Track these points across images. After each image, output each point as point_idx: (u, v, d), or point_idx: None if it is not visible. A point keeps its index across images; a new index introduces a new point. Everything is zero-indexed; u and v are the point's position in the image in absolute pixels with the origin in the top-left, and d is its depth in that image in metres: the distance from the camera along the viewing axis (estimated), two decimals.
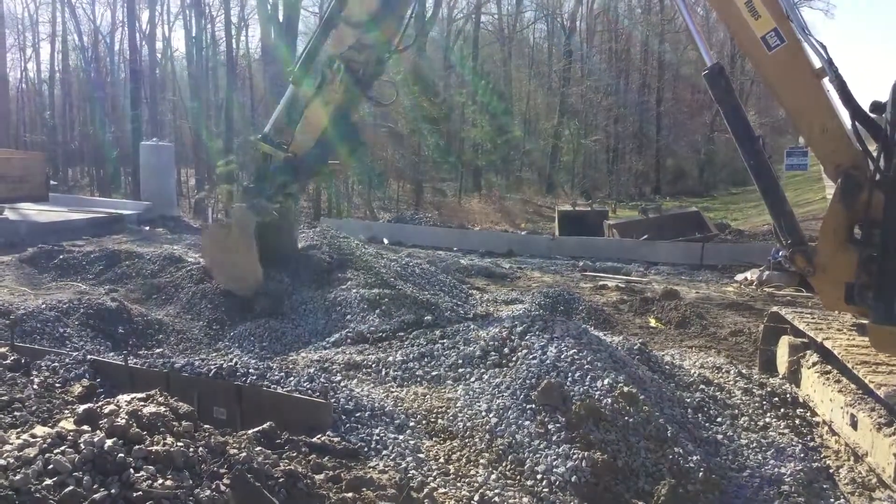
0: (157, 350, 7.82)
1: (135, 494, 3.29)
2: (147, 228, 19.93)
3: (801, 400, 7.05)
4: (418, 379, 6.82)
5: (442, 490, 4.81)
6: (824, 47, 5.82)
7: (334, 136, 9.56)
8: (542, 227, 30.03)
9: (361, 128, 10.02)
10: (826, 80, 5.89)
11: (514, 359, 6.65)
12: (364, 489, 4.25)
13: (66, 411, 4.35)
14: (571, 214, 24.46)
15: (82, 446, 3.47)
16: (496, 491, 4.90)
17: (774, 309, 8.41)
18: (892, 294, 5.38)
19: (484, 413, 5.89)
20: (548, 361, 6.23)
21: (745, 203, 40.03)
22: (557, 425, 5.52)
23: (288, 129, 10.22)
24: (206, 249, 10.52)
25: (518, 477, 5.18)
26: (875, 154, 5.64)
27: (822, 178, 32.95)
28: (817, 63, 5.90)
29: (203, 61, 37.54)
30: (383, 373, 7.01)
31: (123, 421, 3.80)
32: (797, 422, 6.66)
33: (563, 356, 6.28)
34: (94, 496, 3.23)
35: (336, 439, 5.06)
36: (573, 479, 5.03)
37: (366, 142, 10.63)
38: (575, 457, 5.17)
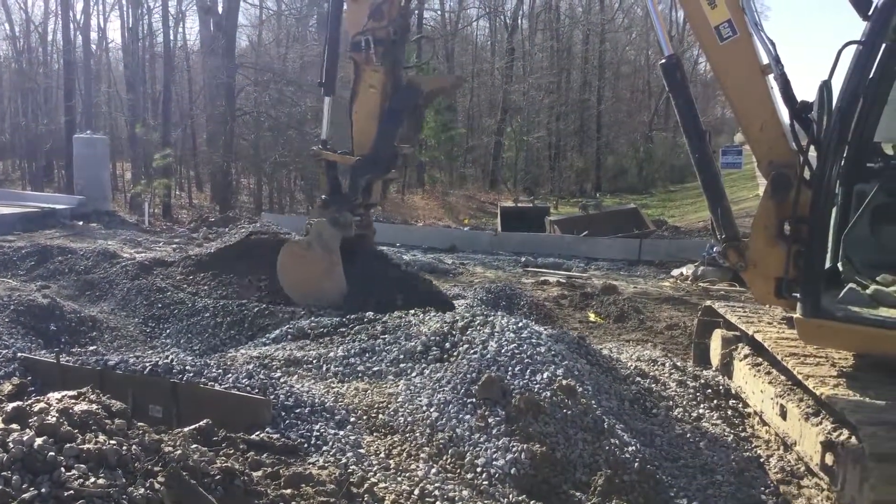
0: (91, 348, 7.62)
1: (66, 493, 3.21)
2: (80, 223, 19.41)
3: (733, 391, 7.24)
4: (359, 374, 6.79)
5: (382, 485, 4.81)
6: (773, 44, 5.91)
7: (393, 113, 9.17)
8: (484, 223, 30.21)
9: (416, 86, 9.43)
10: (771, 77, 5.98)
11: (455, 354, 6.67)
12: (303, 485, 4.23)
13: None
14: (514, 211, 24.66)
15: (11, 445, 3.38)
16: (436, 485, 4.91)
17: (708, 303, 8.62)
18: (818, 288, 5.57)
19: (425, 408, 5.90)
20: (488, 356, 6.27)
21: (681, 200, 40.96)
22: (497, 419, 5.56)
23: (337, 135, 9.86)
24: (284, 270, 9.68)
25: (458, 470, 5.21)
26: (807, 153, 5.80)
27: (756, 176, 33.90)
28: (765, 59, 5.97)
29: (139, 53, 36.64)
30: (324, 368, 6.96)
31: (54, 419, 3.71)
32: (729, 413, 6.84)
33: (503, 351, 6.33)
34: (24, 496, 3.15)
35: (275, 436, 5.01)
36: (512, 471, 5.08)
37: (430, 95, 9.93)
38: (514, 449, 5.22)
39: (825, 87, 5.30)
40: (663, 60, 6.62)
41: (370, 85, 9.12)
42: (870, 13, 5.47)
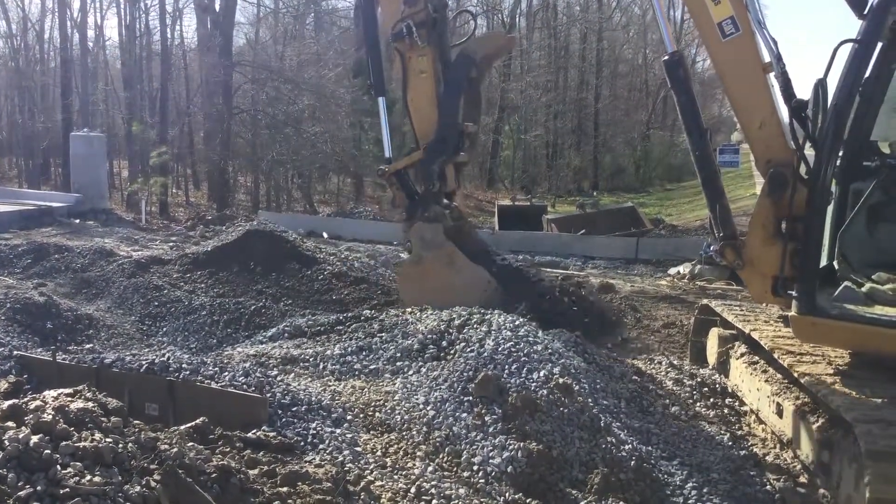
0: (87, 346, 7.61)
1: (62, 491, 3.21)
2: (77, 221, 19.38)
3: (729, 390, 7.26)
4: (356, 372, 6.80)
5: (379, 483, 4.81)
6: (776, 42, 5.89)
7: (450, 87, 8.94)
8: (482, 222, 30.17)
9: (467, 55, 9.12)
10: (772, 76, 5.97)
11: (452, 352, 6.68)
12: (299, 483, 4.22)
13: None
14: (511, 209, 24.64)
15: (7, 443, 3.38)
16: (433, 483, 4.91)
17: (705, 302, 8.63)
18: (813, 286, 5.58)
19: (422, 406, 5.91)
20: (485, 354, 6.28)
21: (679, 199, 40.95)
22: (494, 417, 5.57)
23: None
24: (408, 294, 9.01)
25: (455, 468, 5.22)
26: (805, 151, 5.80)
27: (753, 175, 33.91)
28: (766, 57, 5.95)
29: (136, 51, 36.57)
30: (321, 367, 6.96)
31: (50, 417, 3.71)
32: (726, 411, 6.86)
33: (500, 349, 6.34)
34: (20, 493, 3.15)
35: (272, 434, 5.01)
36: (509, 469, 5.09)
37: (485, 60, 9.53)
38: (511, 447, 5.23)
39: (820, 85, 5.31)
40: (666, 57, 6.60)
41: (420, 70, 8.83)
42: (865, 12, 5.47)
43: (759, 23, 5.95)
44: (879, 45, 5.66)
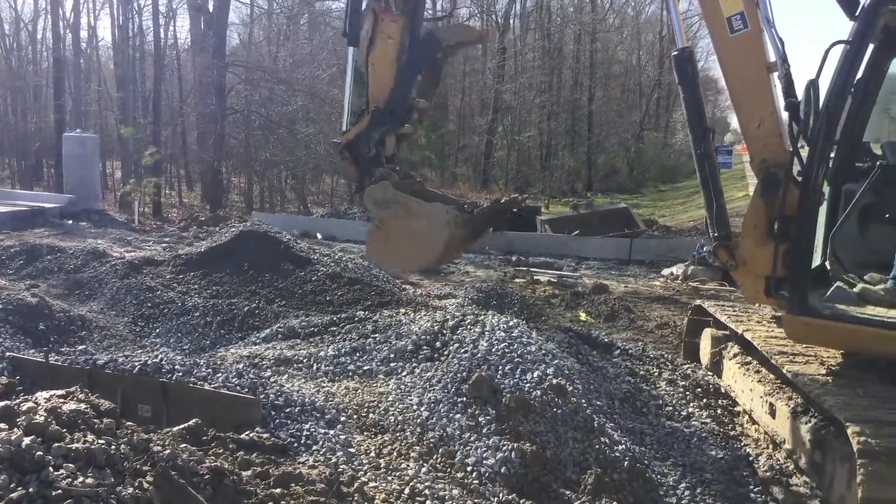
0: (80, 347, 7.57)
1: (54, 493, 3.19)
2: (70, 222, 19.33)
3: (722, 390, 7.28)
4: (350, 373, 6.79)
5: (372, 484, 4.80)
6: (782, 42, 5.87)
7: (411, 61, 8.95)
8: None
9: (435, 39, 8.99)
10: (775, 75, 5.95)
11: (445, 353, 6.69)
12: (293, 484, 4.22)
13: None
14: None
15: None
16: (427, 484, 4.92)
17: (698, 302, 8.66)
18: (805, 286, 5.60)
19: (415, 407, 5.91)
20: (479, 355, 6.28)
21: (672, 200, 41.09)
22: (488, 418, 5.57)
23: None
24: (382, 260, 8.73)
25: (449, 469, 5.22)
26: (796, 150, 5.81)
27: (746, 176, 34.05)
28: (772, 56, 5.90)
29: (129, 51, 36.48)
30: (314, 368, 6.96)
31: (42, 418, 3.69)
32: (719, 411, 6.88)
33: (493, 350, 6.34)
34: (12, 495, 3.13)
35: (265, 435, 5.00)
36: (503, 470, 5.09)
37: (451, 46, 9.37)
38: (504, 448, 5.23)
39: (812, 86, 5.32)
40: (676, 52, 6.57)
41: (388, 35, 8.72)
42: (857, 13, 5.49)
43: (768, 21, 5.91)
44: (871, 46, 5.68)
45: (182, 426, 4.63)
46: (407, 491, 4.79)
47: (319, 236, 19.43)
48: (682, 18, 7.17)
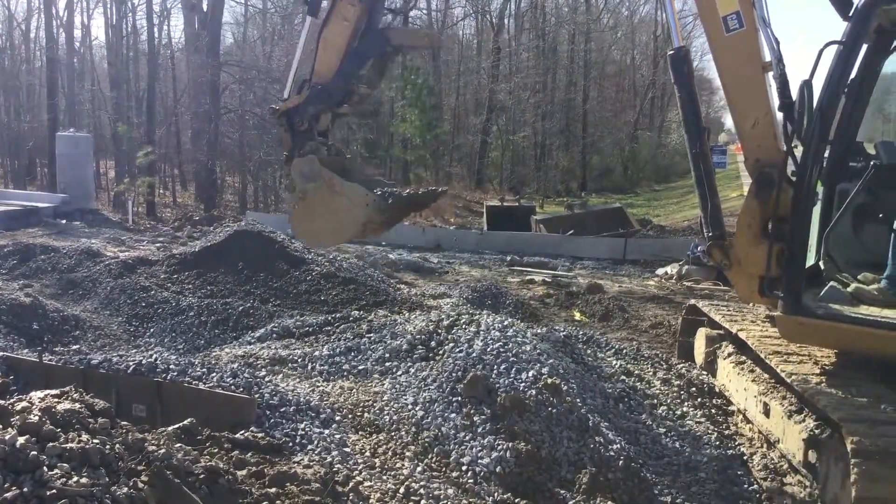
0: (74, 347, 7.58)
1: (49, 493, 3.18)
2: (64, 222, 19.27)
3: (717, 389, 7.29)
4: (345, 373, 6.79)
5: (367, 483, 4.80)
6: (778, 43, 5.87)
7: (360, 50, 8.98)
8: (470, 222, 30.22)
9: (386, 36, 9.01)
10: (770, 75, 5.96)
11: (440, 352, 6.69)
12: (288, 484, 4.21)
13: None
14: (500, 209, 24.65)
15: None
16: (422, 483, 4.91)
17: (692, 302, 8.67)
18: (799, 286, 5.61)
19: (410, 406, 5.91)
20: (474, 354, 6.28)
21: (666, 200, 41.16)
22: (483, 417, 5.57)
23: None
24: (301, 232, 8.79)
25: (444, 469, 5.22)
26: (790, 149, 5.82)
27: (740, 176, 34.14)
28: (768, 56, 5.90)
29: (123, 50, 36.40)
30: (309, 367, 6.95)
31: (36, 418, 3.68)
32: (713, 411, 6.89)
33: (488, 349, 6.34)
34: (6, 495, 3.12)
35: (260, 435, 4.99)
36: (498, 469, 5.09)
37: (399, 46, 9.42)
38: (499, 448, 5.23)
39: (806, 86, 5.33)
40: (672, 52, 6.57)
41: (345, 17, 8.72)
42: (850, 14, 5.50)
43: (763, 21, 5.91)
44: (864, 46, 5.70)
45: (177, 426, 4.62)
46: (402, 490, 4.79)
47: None
48: (678, 18, 7.16)
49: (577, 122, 50.09)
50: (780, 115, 5.83)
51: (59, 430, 3.65)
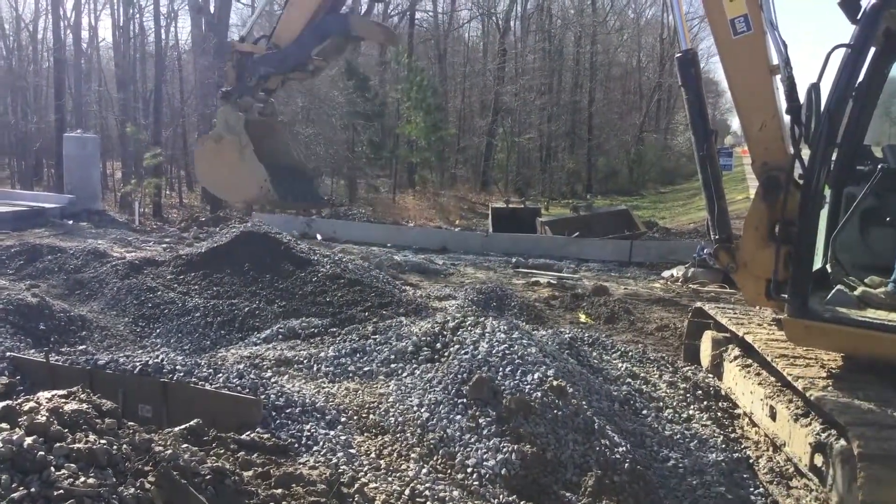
0: (80, 347, 7.58)
1: (56, 493, 3.19)
2: (70, 222, 19.33)
3: (723, 392, 7.27)
4: (350, 374, 6.79)
5: (373, 485, 4.80)
6: (785, 45, 5.87)
7: (321, 27, 9.11)
8: (475, 224, 30.23)
9: (346, 23, 9.27)
10: (778, 78, 5.94)
11: (446, 354, 6.68)
12: (293, 485, 4.22)
13: None
14: (505, 211, 24.67)
15: (0, 445, 3.36)
16: (427, 485, 4.91)
17: (698, 304, 8.65)
18: (806, 289, 5.60)
19: (416, 408, 5.90)
20: (479, 356, 6.27)
21: (672, 202, 41.13)
22: (488, 419, 5.57)
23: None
24: (204, 170, 9.41)
25: (449, 471, 5.21)
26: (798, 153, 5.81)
27: (746, 178, 34.08)
28: (775, 59, 5.92)
29: (130, 52, 36.52)
30: (315, 368, 6.96)
31: (44, 418, 3.69)
32: (719, 414, 6.87)
33: (494, 351, 6.33)
34: (13, 495, 3.13)
35: (266, 436, 5.00)
36: (503, 471, 5.09)
37: (358, 36, 9.68)
38: (505, 450, 5.23)
39: (814, 89, 5.32)
40: (679, 54, 6.56)
41: None
42: (858, 17, 5.49)
43: (771, 24, 5.90)
44: (872, 50, 5.68)
45: (183, 426, 4.63)
46: (407, 492, 4.79)
47: (319, 237, 19.44)
48: (685, 20, 7.15)
49: (582, 124, 50.11)
50: (787, 119, 5.83)
51: (66, 430, 3.66)
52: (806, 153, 5.65)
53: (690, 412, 6.76)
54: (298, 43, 8.78)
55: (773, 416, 6.01)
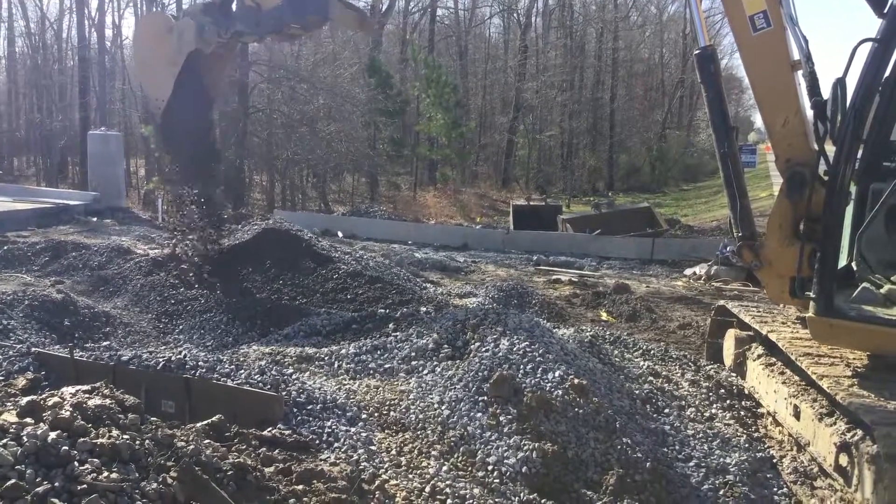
0: (104, 343, 7.65)
1: (79, 487, 3.23)
2: (95, 219, 19.51)
3: (746, 391, 7.20)
4: (371, 371, 6.81)
5: (393, 482, 4.82)
6: (806, 41, 5.81)
7: (302, 4, 9.20)
8: (496, 221, 30.20)
9: (329, 6, 9.49)
10: (799, 74, 5.89)
11: (466, 351, 6.68)
12: (315, 481, 4.23)
13: (9, 404, 4.25)
14: (526, 209, 24.60)
15: (25, 439, 3.40)
16: (447, 482, 4.92)
17: (721, 303, 8.57)
18: (831, 287, 5.53)
19: (436, 405, 5.91)
20: (500, 354, 6.26)
21: (695, 199, 40.82)
22: (509, 417, 5.56)
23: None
24: (139, 38, 10.13)
25: (469, 468, 5.21)
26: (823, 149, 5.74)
27: (770, 175, 33.74)
28: (796, 55, 5.87)
29: None
30: (336, 365, 6.98)
31: (68, 413, 3.73)
32: (742, 413, 6.80)
33: (515, 349, 6.32)
34: (37, 489, 3.17)
35: (287, 432, 5.02)
36: (524, 469, 5.08)
37: (330, 18, 9.94)
38: (526, 448, 5.22)
39: (839, 84, 5.25)
40: (698, 51, 6.52)
41: None
42: (885, 11, 5.41)
43: (791, 19, 5.85)
44: None
45: (205, 422, 4.66)
46: (428, 489, 4.80)
47: (340, 234, 19.51)
48: (705, 17, 7.09)
49: (604, 120, 49.84)
50: (810, 114, 5.76)
51: (90, 425, 3.70)
52: (830, 149, 5.58)
53: (713, 411, 6.70)
54: (278, 11, 9.09)
55: (797, 416, 5.94)
